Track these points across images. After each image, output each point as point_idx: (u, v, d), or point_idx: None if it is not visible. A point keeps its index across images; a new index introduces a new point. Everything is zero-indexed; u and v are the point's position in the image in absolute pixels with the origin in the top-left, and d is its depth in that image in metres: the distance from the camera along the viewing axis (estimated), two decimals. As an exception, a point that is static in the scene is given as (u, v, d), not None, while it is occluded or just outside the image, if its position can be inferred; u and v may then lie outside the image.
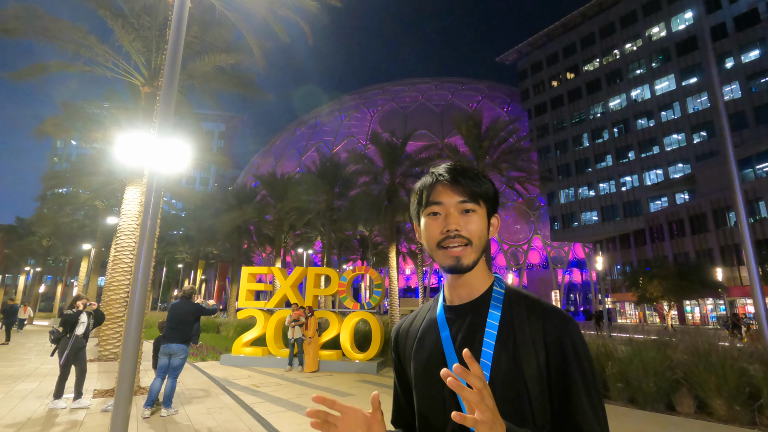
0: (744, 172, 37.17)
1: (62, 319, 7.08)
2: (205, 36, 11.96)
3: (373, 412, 0.93)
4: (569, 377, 0.92)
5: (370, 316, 11.79)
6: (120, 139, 9.00)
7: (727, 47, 42.72)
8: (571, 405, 0.90)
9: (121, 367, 3.63)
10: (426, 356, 1.04)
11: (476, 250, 1.01)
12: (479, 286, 1.05)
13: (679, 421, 6.63)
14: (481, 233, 1.02)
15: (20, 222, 44.32)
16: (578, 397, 0.90)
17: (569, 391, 0.91)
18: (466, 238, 1.00)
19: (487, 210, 1.05)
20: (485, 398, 0.75)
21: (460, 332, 1.01)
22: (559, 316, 0.97)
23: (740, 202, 7.57)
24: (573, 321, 0.98)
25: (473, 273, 1.03)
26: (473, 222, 1.01)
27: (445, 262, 1.01)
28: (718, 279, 34.66)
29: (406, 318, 1.21)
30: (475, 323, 1.00)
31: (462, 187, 1.02)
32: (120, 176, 18.18)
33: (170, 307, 7.08)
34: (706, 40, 8.87)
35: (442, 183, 1.04)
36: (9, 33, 10.88)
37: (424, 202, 1.06)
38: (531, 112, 61.32)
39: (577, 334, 0.96)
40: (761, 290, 7.30)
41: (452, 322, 1.04)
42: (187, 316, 6.95)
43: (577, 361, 0.93)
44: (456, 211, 1.02)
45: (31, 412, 6.58)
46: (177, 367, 6.72)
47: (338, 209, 29.12)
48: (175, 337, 6.76)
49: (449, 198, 1.02)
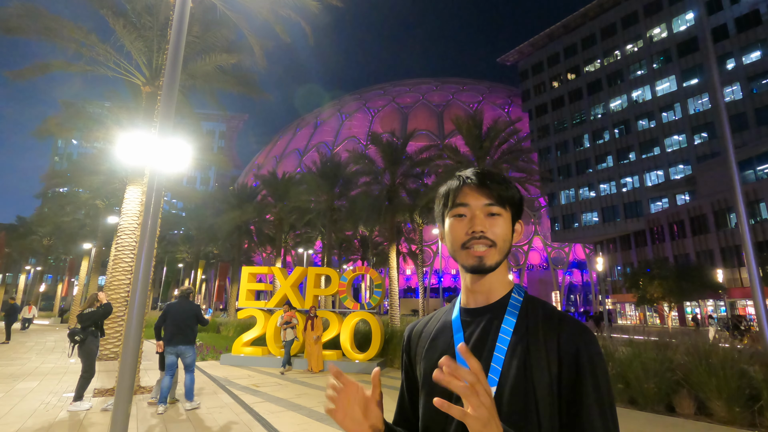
0: (745, 173, 37.15)
1: (86, 316, 6.97)
2: (207, 36, 11.97)
3: (373, 390, 0.93)
4: (583, 392, 0.88)
5: (370, 317, 11.79)
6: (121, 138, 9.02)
7: (728, 48, 42.71)
8: (584, 422, 0.87)
9: (121, 366, 3.63)
10: (436, 357, 1.02)
11: (500, 253, 1.01)
12: (498, 291, 1.04)
13: (679, 423, 6.62)
14: (506, 237, 1.02)
15: (21, 221, 44.36)
16: (591, 415, 0.87)
17: (581, 406, 0.88)
18: (491, 240, 1.00)
19: (512, 215, 1.06)
20: (480, 394, 0.74)
21: (473, 335, 1.00)
22: (577, 327, 0.95)
23: (741, 203, 7.57)
24: (590, 333, 0.95)
25: (493, 276, 1.03)
26: (498, 225, 1.02)
27: (468, 261, 1.01)
28: (718, 280, 34.64)
29: (422, 319, 1.21)
30: (490, 328, 0.99)
31: (489, 190, 1.03)
32: (121, 176, 18.21)
33: (169, 307, 6.99)
34: (707, 41, 8.88)
35: (469, 185, 1.04)
36: (10, 32, 10.90)
37: (450, 203, 1.06)
38: (532, 113, 61.31)
39: (594, 347, 0.93)
40: (761, 292, 7.29)
41: (467, 325, 1.03)
42: (190, 318, 6.97)
43: (593, 376, 0.89)
44: (482, 214, 1.02)
45: (31, 410, 6.59)
46: (190, 364, 6.93)
47: (339, 209, 29.12)
48: (181, 340, 6.82)
49: (476, 200, 1.03)
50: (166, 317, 6.92)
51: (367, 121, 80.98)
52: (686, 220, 42.00)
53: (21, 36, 11.10)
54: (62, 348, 15.55)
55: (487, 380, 0.78)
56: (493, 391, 0.91)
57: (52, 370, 10.47)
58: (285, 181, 31.66)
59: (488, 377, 0.92)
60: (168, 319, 6.89)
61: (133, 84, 12.39)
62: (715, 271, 35.42)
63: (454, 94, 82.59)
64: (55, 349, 15.37)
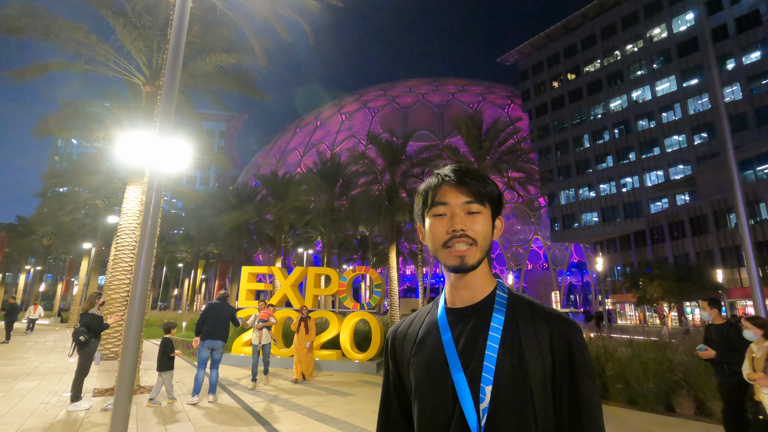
0: (745, 173, 37.14)
1: (87, 320, 7.03)
2: (207, 35, 11.96)
3: None
4: (577, 383, 0.92)
5: (370, 317, 11.79)
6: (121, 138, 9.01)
7: (729, 48, 42.71)
8: (583, 410, 0.91)
9: (121, 365, 3.63)
10: (427, 360, 1.02)
11: (481, 251, 1.01)
12: (482, 289, 1.04)
13: (679, 423, 6.62)
14: (486, 234, 1.02)
15: (21, 220, 44.30)
16: (591, 405, 0.92)
17: (579, 397, 0.92)
18: (472, 238, 1.00)
19: (491, 211, 1.05)
20: None
21: (462, 336, 0.99)
22: (566, 321, 0.98)
23: (740, 203, 7.57)
24: (578, 326, 0.98)
25: (476, 274, 1.03)
26: (478, 222, 1.01)
27: (450, 261, 1.00)
28: (718, 280, 34.64)
29: (403, 321, 1.18)
30: (478, 327, 0.99)
31: (468, 188, 1.02)
32: (121, 175, 18.20)
33: (211, 307, 7.80)
34: (707, 42, 8.88)
35: (447, 183, 1.04)
36: (10, 32, 10.89)
37: (429, 202, 1.05)
38: (532, 113, 61.31)
39: (582, 340, 0.97)
40: (761, 292, 7.29)
41: (454, 325, 1.02)
42: (227, 317, 7.82)
43: (585, 368, 0.94)
44: (461, 212, 1.01)
45: (31, 410, 6.58)
46: (218, 360, 7.58)
47: (339, 209, 29.13)
48: (218, 335, 7.53)
49: (455, 198, 1.02)
50: (207, 315, 7.66)
51: (367, 121, 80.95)
52: (686, 221, 42.00)
53: (21, 36, 11.09)
54: (62, 347, 15.55)
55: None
56: (489, 391, 0.91)
57: (52, 370, 10.47)
58: (285, 180, 31.67)
59: (482, 377, 0.92)
60: (208, 316, 7.63)
61: (133, 84, 12.38)
62: (715, 272, 35.42)
63: (453, 94, 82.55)
64: (55, 348, 15.37)
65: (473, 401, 0.91)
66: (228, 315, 7.87)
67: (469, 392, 0.92)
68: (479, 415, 0.90)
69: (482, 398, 0.91)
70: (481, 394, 0.91)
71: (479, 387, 0.92)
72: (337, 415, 6.76)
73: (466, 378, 0.94)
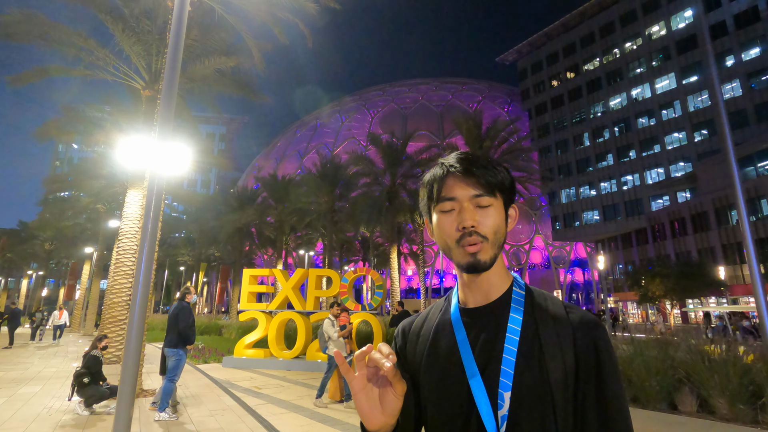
0: (745, 170, 37.08)
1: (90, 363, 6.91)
2: (205, 39, 11.98)
3: (397, 382, 0.81)
4: (605, 384, 0.85)
5: (372, 318, 11.80)
6: (121, 142, 9.05)
7: (728, 45, 42.66)
8: (612, 413, 0.84)
9: (123, 369, 3.64)
10: (441, 364, 0.95)
11: (494, 246, 0.93)
12: (498, 287, 0.96)
13: (682, 420, 6.61)
14: (499, 227, 0.94)
15: (23, 225, 44.42)
16: (620, 406, 0.85)
17: (605, 398, 0.85)
18: (483, 235, 0.92)
19: (504, 201, 0.97)
20: None
21: (478, 338, 0.92)
22: (590, 319, 0.91)
23: (741, 200, 7.56)
24: (603, 326, 0.92)
25: (491, 271, 0.95)
26: (490, 216, 0.93)
27: (463, 260, 0.93)
28: (720, 277, 34.58)
29: (416, 316, 1.10)
30: (495, 328, 0.92)
31: (476, 179, 0.93)
32: (121, 179, 18.22)
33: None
34: (706, 39, 8.87)
35: (454, 175, 0.95)
36: (10, 37, 10.93)
37: (435, 197, 0.97)
38: (531, 112, 61.27)
39: (609, 340, 0.90)
40: (762, 288, 7.28)
41: (469, 327, 0.95)
42: (173, 319, 6.78)
43: (613, 368, 0.87)
44: (471, 206, 0.93)
45: (34, 415, 6.60)
46: (172, 368, 6.62)
47: (339, 210, 29.14)
48: (166, 341, 6.76)
49: (463, 191, 0.93)
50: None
51: (366, 122, 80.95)
52: (687, 218, 41.92)
53: (20, 42, 11.13)
54: (64, 352, 15.58)
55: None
56: (507, 397, 0.84)
57: (55, 375, 10.50)
58: (285, 183, 31.71)
59: (500, 382, 0.86)
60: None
61: (132, 88, 12.41)
62: (717, 268, 35.35)
63: (453, 94, 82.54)
64: (57, 353, 15.39)
65: (492, 408, 0.85)
66: (173, 317, 6.76)
67: (487, 398, 0.86)
68: (497, 422, 0.84)
69: (501, 405, 0.84)
70: (499, 400, 0.85)
71: (497, 393, 0.85)
72: (338, 417, 6.78)
73: (483, 383, 0.87)
